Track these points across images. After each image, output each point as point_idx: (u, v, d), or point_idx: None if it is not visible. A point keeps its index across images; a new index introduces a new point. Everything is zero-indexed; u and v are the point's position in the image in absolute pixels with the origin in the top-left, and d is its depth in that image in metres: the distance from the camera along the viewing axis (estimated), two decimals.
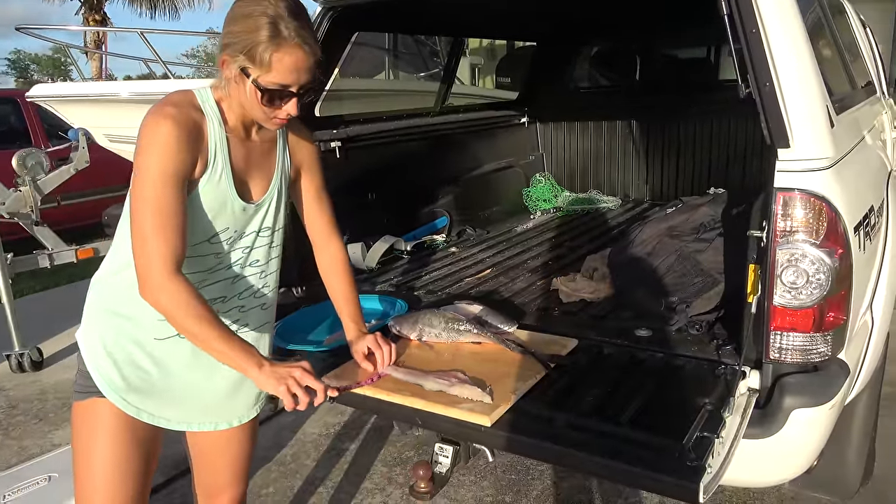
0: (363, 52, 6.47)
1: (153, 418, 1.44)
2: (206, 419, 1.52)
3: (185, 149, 1.26)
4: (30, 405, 3.53)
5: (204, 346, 1.29)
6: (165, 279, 1.23)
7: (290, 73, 1.27)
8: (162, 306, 1.26)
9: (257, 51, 1.24)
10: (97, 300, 1.43)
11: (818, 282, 1.49)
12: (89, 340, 1.42)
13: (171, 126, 1.24)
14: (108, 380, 1.39)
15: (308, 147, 1.57)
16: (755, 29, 1.50)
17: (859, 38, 3.18)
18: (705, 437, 1.32)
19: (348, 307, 1.65)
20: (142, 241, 1.24)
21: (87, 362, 1.40)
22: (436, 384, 1.55)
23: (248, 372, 1.31)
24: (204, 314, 1.27)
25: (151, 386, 1.42)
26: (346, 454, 2.88)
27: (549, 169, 4.32)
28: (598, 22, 3.84)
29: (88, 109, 4.78)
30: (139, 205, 1.24)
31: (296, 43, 1.25)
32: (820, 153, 1.51)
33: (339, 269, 1.66)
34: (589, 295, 2.24)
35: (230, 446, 1.60)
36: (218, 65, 1.31)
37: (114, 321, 1.40)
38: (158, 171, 1.23)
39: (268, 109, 1.31)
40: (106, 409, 1.39)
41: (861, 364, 1.82)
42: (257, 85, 1.27)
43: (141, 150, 1.25)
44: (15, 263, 3.94)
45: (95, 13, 17.37)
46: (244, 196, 1.40)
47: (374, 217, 2.99)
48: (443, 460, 1.97)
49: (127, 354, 1.39)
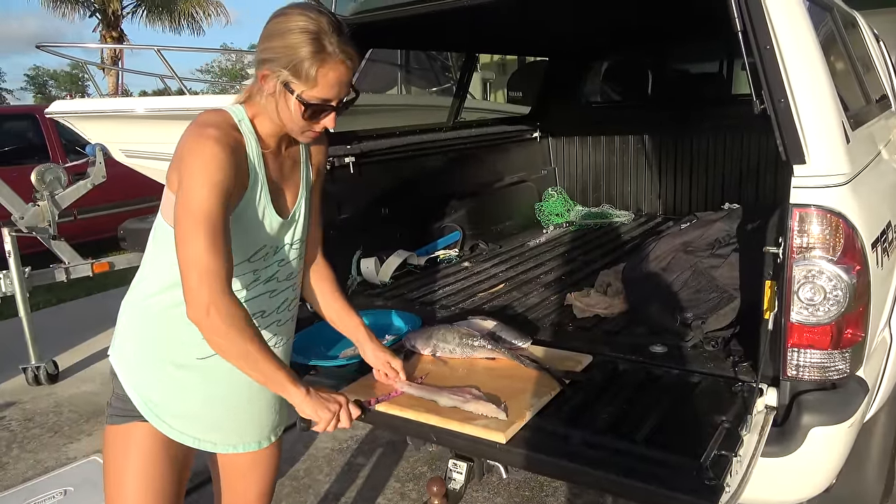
0: (376, 67, 6.53)
1: (199, 442, 1.43)
2: (251, 439, 1.52)
3: (231, 169, 1.26)
4: (45, 418, 3.55)
5: (248, 367, 1.27)
6: (219, 298, 1.22)
7: (333, 88, 1.29)
8: (213, 326, 1.23)
9: (303, 66, 1.25)
10: (133, 324, 1.42)
11: (835, 298, 1.48)
12: (127, 365, 1.41)
13: (216, 147, 1.24)
14: (150, 403, 1.38)
15: (323, 153, 1.59)
16: (769, 45, 1.50)
17: (872, 51, 3.17)
18: (723, 455, 1.31)
19: (354, 319, 1.65)
20: (193, 260, 1.22)
21: (125, 386, 1.39)
22: (450, 400, 1.54)
23: (293, 396, 1.31)
24: (256, 335, 1.27)
25: (195, 409, 1.42)
26: (359, 469, 2.88)
27: (561, 183, 4.32)
28: (610, 37, 3.85)
29: (105, 125, 4.85)
30: (189, 224, 1.22)
31: (340, 59, 1.27)
32: (836, 169, 1.51)
33: (334, 280, 1.66)
34: (603, 310, 2.23)
35: (258, 465, 1.59)
36: (257, 78, 1.31)
37: (152, 345, 1.39)
38: (207, 190, 1.22)
39: (308, 123, 1.32)
40: (141, 432, 1.38)
41: (880, 381, 1.80)
42: (301, 100, 1.28)
43: (188, 172, 1.23)
44: (33, 277, 3.99)
45: (112, 30, 17.68)
46: (280, 211, 1.41)
47: (387, 232, 3.00)
48: (456, 476, 1.96)
49: (168, 377, 1.39)
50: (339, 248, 2.70)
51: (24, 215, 4.01)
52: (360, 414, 1.44)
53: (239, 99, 1.38)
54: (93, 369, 4.21)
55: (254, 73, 1.34)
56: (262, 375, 1.29)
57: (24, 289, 3.89)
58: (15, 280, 3.85)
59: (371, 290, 2.68)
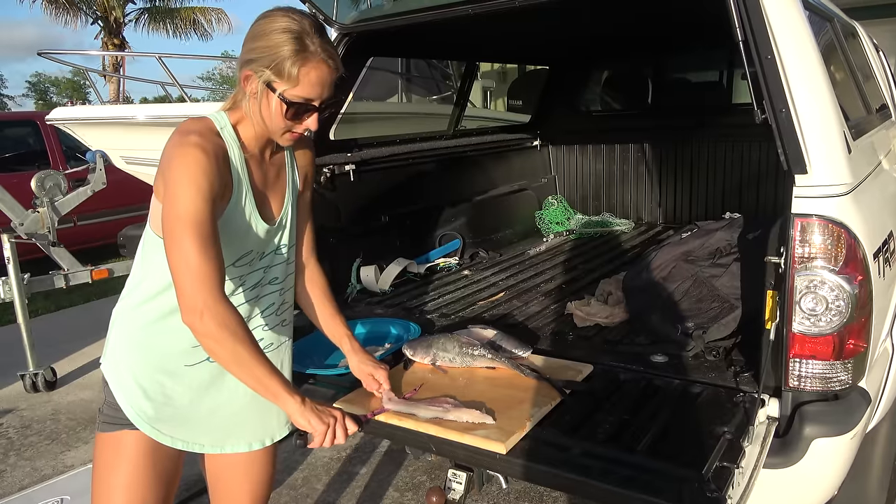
0: (377, 75, 6.55)
1: (188, 444, 1.45)
2: (241, 440, 1.52)
3: (215, 174, 1.26)
4: (43, 425, 3.54)
5: (241, 372, 1.26)
6: (213, 302, 1.22)
7: (315, 88, 1.29)
8: (207, 330, 1.22)
9: (285, 65, 1.26)
10: (123, 334, 1.43)
11: (838, 309, 1.47)
12: (118, 374, 1.41)
13: (199, 153, 1.24)
14: (140, 412, 1.39)
15: (310, 160, 1.58)
16: (770, 55, 1.50)
17: (872, 61, 3.18)
18: (724, 466, 1.30)
19: (340, 329, 1.64)
20: (185, 264, 1.21)
21: (116, 395, 1.40)
22: (429, 412, 1.53)
23: (287, 405, 1.29)
24: (252, 340, 1.26)
25: (183, 413, 1.42)
26: (357, 478, 2.86)
27: (561, 192, 4.32)
28: (611, 46, 3.86)
29: (106, 132, 4.86)
30: (178, 230, 1.22)
31: (322, 58, 1.28)
32: (838, 179, 1.50)
33: (325, 287, 1.65)
34: (604, 320, 2.23)
35: (251, 471, 1.58)
36: (240, 81, 1.32)
37: (143, 354, 1.40)
38: (193, 195, 1.22)
39: (289, 124, 1.32)
40: (130, 440, 1.40)
41: (882, 392, 1.79)
42: (283, 98, 1.28)
43: (173, 179, 1.23)
44: (32, 283, 3.98)
45: (114, 37, 17.75)
46: (266, 217, 1.42)
47: (387, 240, 2.99)
48: (456, 486, 1.94)
49: (158, 385, 1.40)
50: (339, 255, 2.69)
51: (24, 221, 4.01)
52: (356, 429, 1.42)
53: (224, 106, 1.39)
54: (91, 376, 4.19)
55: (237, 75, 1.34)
56: (256, 381, 1.27)
57: (22, 295, 3.88)
58: (14, 286, 3.84)
59: (371, 299, 2.67)
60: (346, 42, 2.51)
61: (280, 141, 1.38)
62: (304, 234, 1.60)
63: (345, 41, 2.51)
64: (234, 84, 1.38)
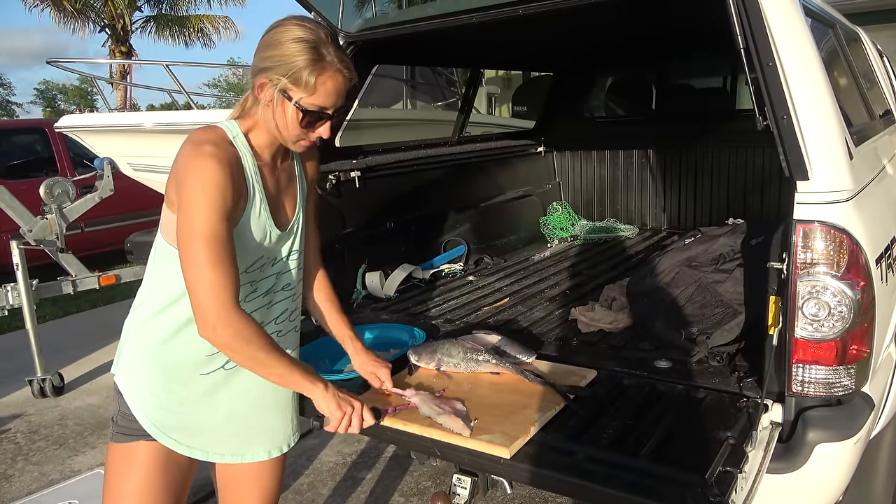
0: (382, 82, 6.58)
1: (207, 454, 1.47)
2: (260, 449, 1.54)
3: (230, 185, 1.27)
4: (50, 430, 3.56)
5: (264, 373, 1.32)
6: (228, 311, 1.24)
7: (330, 97, 1.32)
8: (223, 342, 1.25)
9: (302, 74, 1.28)
10: (137, 344, 1.43)
11: (840, 314, 1.48)
12: (133, 384, 1.43)
13: (214, 164, 1.25)
14: (156, 421, 1.41)
15: (316, 166, 1.61)
16: (772, 62, 1.51)
17: (876, 66, 3.18)
18: (728, 471, 1.30)
19: (344, 330, 1.67)
20: (200, 281, 1.23)
21: (131, 405, 1.41)
22: (429, 410, 1.55)
23: (313, 391, 1.35)
24: (268, 342, 1.29)
25: (200, 421, 1.44)
26: (362, 483, 2.87)
27: (565, 197, 4.33)
28: (615, 52, 3.87)
29: (114, 139, 4.91)
30: (194, 245, 1.23)
31: (338, 68, 1.30)
32: (839, 185, 1.51)
33: (330, 290, 1.68)
34: (608, 325, 2.23)
35: (261, 478, 1.59)
36: (253, 88, 1.34)
37: (158, 364, 1.41)
38: (209, 208, 1.24)
39: (304, 131, 1.34)
40: (143, 451, 1.41)
41: (885, 397, 1.79)
42: (299, 107, 1.30)
43: (187, 192, 1.24)
44: (40, 289, 4.01)
45: (122, 45, 17.87)
46: (279, 224, 1.44)
47: (392, 245, 3.01)
48: (461, 491, 1.95)
49: (173, 395, 1.41)
50: (345, 261, 2.71)
51: (33, 228, 4.05)
52: (373, 421, 1.46)
53: (233, 115, 1.40)
54: (98, 382, 4.22)
55: (249, 83, 1.37)
56: (279, 378, 1.33)
57: (31, 301, 3.91)
58: (22, 292, 3.87)
59: (376, 304, 2.68)
60: (351, 50, 2.52)
61: (293, 148, 1.40)
62: (310, 238, 1.62)
63: (350, 49, 2.52)
64: (241, 91, 1.39)
